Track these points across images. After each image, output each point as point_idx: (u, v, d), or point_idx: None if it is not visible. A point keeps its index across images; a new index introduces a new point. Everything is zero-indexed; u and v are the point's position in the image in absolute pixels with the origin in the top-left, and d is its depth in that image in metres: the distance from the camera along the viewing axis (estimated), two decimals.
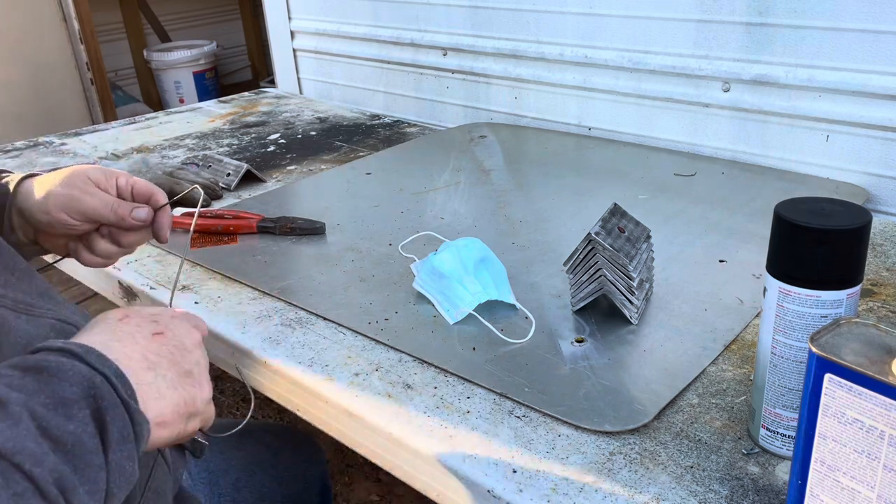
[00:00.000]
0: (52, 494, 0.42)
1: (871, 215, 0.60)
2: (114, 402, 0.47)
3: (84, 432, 0.45)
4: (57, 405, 0.45)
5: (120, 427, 0.47)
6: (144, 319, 0.56)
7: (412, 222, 1.16)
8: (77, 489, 0.43)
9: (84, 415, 0.45)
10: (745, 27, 1.23)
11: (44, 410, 0.44)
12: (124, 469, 0.47)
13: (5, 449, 0.41)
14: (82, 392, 0.46)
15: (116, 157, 1.57)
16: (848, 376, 0.49)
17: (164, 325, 0.57)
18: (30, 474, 0.41)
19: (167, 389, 0.53)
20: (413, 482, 0.72)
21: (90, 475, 0.44)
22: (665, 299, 0.90)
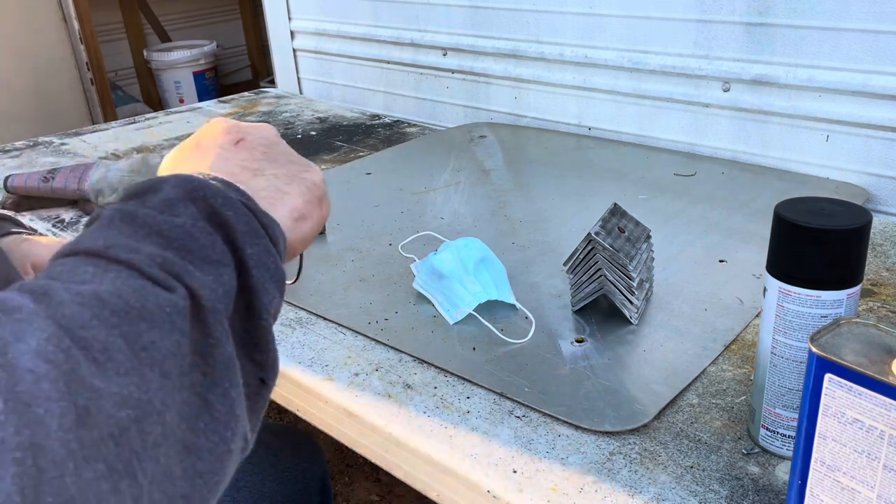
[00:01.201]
0: (159, 276, 0.38)
1: (872, 215, 0.60)
2: (229, 201, 0.43)
3: (194, 227, 0.41)
4: (162, 208, 0.41)
5: (245, 222, 0.43)
6: (217, 135, 0.51)
7: (412, 222, 1.16)
8: (192, 273, 0.39)
9: (191, 211, 0.41)
10: (745, 27, 1.23)
11: (146, 211, 0.40)
12: (266, 265, 0.43)
13: (97, 247, 0.38)
14: (187, 193, 0.42)
15: (116, 157, 1.57)
16: (848, 376, 0.49)
17: (237, 131, 0.52)
18: (128, 261, 0.37)
19: (286, 185, 0.50)
20: (413, 482, 0.72)
21: (209, 268, 0.40)
22: (665, 299, 0.90)
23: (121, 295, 0.36)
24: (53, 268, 0.38)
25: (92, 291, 0.35)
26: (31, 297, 0.34)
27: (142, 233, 0.40)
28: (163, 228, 0.40)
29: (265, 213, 0.45)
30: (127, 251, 0.38)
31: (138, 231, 0.40)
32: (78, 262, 0.38)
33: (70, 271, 0.37)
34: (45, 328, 0.32)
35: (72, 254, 0.39)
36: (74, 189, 1.27)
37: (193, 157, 0.49)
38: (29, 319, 0.32)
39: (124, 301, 0.36)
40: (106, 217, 0.40)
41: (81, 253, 0.38)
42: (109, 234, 0.39)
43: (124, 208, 0.41)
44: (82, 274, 0.37)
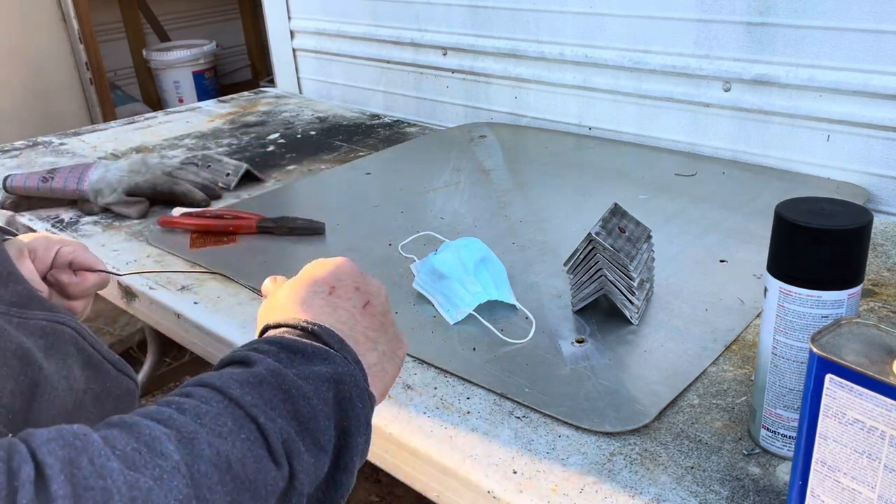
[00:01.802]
0: (277, 451, 0.43)
1: (872, 215, 0.60)
2: (362, 393, 0.48)
3: (322, 412, 0.46)
4: (308, 377, 0.46)
5: (365, 414, 0.48)
6: (350, 289, 0.56)
7: (412, 222, 1.16)
8: (301, 455, 0.44)
9: (328, 397, 0.46)
10: (746, 27, 1.23)
11: (294, 378, 0.45)
12: (361, 451, 0.49)
13: (244, 401, 0.43)
14: (335, 376, 0.47)
15: (116, 157, 1.57)
16: (849, 377, 0.49)
17: (365, 290, 0.56)
18: (262, 427, 0.42)
19: (388, 364, 0.54)
20: (413, 482, 0.72)
21: (314, 452, 0.45)
22: (665, 299, 0.90)
23: (245, 464, 0.41)
24: (199, 399, 0.43)
25: (226, 455, 0.41)
26: (175, 443, 0.39)
27: (280, 397, 0.45)
28: (298, 402, 0.45)
29: (374, 397, 0.51)
30: (265, 417, 0.43)
31: (278, 395, 0.45)
32: (222, 406, 0.43)
33: (214, 416, 0.42)
34: (182, 489, 0.38)
35: (221, 391, 0.44)
36: (74, 189, 1.27)
37: (330, 305, 0.54)
38: (171, 473, 0.38)
39: (245, 471, 0.41)
40: (259, 373, 0.45)
41: (228, 397, 0.43)
42: (255, 393, 0.44)
43: (277, 369, 0.46)
44: (223, 425, 0.42)
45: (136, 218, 1.25)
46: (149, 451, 0.38)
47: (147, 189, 1.27)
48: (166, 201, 1.28)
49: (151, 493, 0.36)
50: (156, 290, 1.01)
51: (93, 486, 0.35)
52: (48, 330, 0.58)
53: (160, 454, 0.38)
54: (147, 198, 1.27)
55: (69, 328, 0.59)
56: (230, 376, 0.45)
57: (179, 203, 1.27)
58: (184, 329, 0.96)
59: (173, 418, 0.41)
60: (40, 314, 0.58)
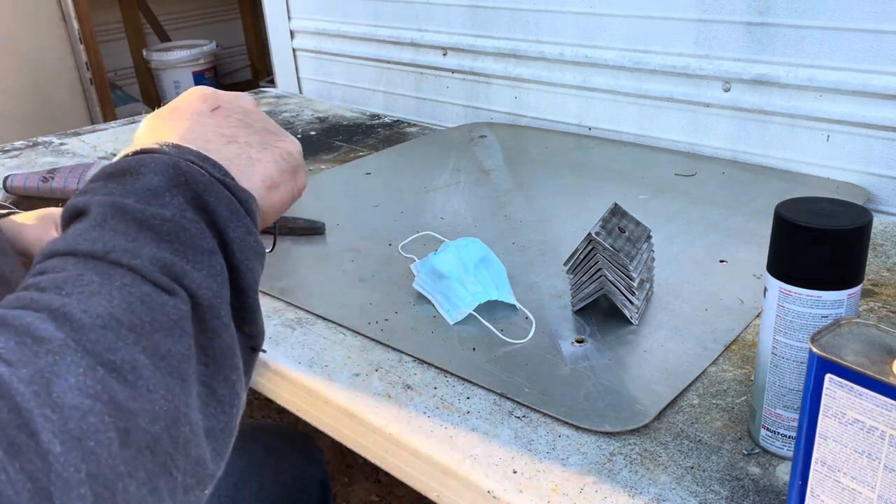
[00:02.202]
0: (161, 281, 0.40)
1: (872, 215, 0.60)
2: (209, 183, 0.44)
3: (183, 217, 0.42)
4: (149, 197, 0.42)
5: (225, 205, 0.44)
6: (194, 102, 0.52)
7: (412, 222, 1.16)
8: (189, 273, 0.41)
9: (178, 201, 0.43)
10: (746, 27, 1.23)
11: (135, 203, 0.42)
12: (248, 244, 0.45)
13: (96, 250, 0.40)
14: (170, 180, 0.43)
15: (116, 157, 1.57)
16: (848, 377, 0.49)
17: (214, 100, 0.53)
18: (130, 266, 0.39)
19: (258, 152, 0.51)
20: (413, 482, 0.72)
21: (202, 259, 0.42)
22: (665, 299, 0.90)
23: (133, 309, 0.38)
24: (54, 270, 0.39)
25: (108, 312, 0.37)
26: (52, 322, 0.36)
27: (134, 229, 0.41)
28: (153, 223, 0.41)
29: (242, 188, 0.46)
30: (128, 255, 0.40)
31: (131, 227, 0.41)
32: (79, 266, 0.39)
33: (75, 279, 0.38)
34: (79, 361, 0.35)
35: (69, 253, 0.40)
36: (74, 189, 1.27)
37: (169, 121, 0.50)
38: (61, 352, 0.35)
39: (137, 316, 0.38)
40: (98, 214, 0.41)
41: (80, 254, 0.40)
42: (106, 235, 0.40)
43: (114, 202, 0.42)
44: (88, 283, 0.38)
45: None
46: (30, 340, 0.35)
47: None
48: None
49: (51, 382, 0.34)
50: None
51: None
52: None
53: (42, 339, 0.35)
54: None
55: None
56: (72, 235, 0.41)
57: None
58: None
59: (36, 300, 0.37)
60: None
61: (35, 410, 0.33)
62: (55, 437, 0.33)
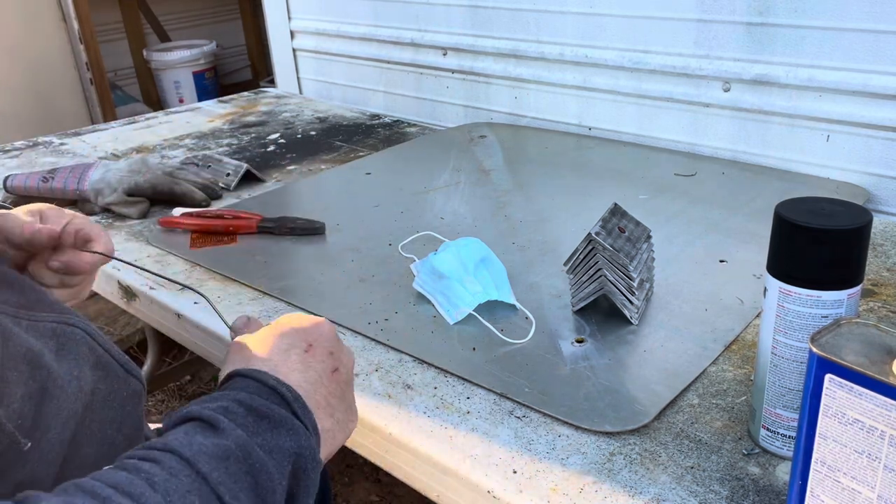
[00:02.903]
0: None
1: (872, 215, 0.60)
2: (315, 466, 0.51)
3: (279, 486, 0.48)
4: (273, 451, 0.48)
5: (313, 485, 0.51)
6: (325, 352, 0.57)
7: (412, 222, 1.16)
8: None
9: (287, 470, 0.49)
10: (746, 27, 1.23)
11: (259, 452, 0.47)
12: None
13: (212, 479, 0.44)
14: (296, 449, 0.49)
15: (116, 157, 1.57)
16: (848, 377, 0.49)
17: (337, 357, 0.58)
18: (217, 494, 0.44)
19: (339, 433, 0.56)
20: (413, 482, 0.72)
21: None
22: (665, 299, 0.90)
23: None
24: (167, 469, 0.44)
25: None
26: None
27: (244, 470, 0.46)
28: (260, 479, 0.47)
29: (324, 466, 0.53)
30: (230, 497, 0.45)
31: (242, 468, 0.46)
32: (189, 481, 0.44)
33: (182, 495, 0.43)
34: None
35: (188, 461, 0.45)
36: (74, 189, 1.27)
37: (303, 363, 0.55)
38: None
39: None
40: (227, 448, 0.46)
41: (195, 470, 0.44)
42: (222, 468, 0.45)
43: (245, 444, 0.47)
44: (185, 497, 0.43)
45: (137, 218, 1.25)
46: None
47: (147, 189, 1.27)
48: (166, 201, 1.28)
49: None
50: (156, 290, 1.01)
51: None
52: (58, 331, 0.57)
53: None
54: (147, 198, 1.27)
55: (80, 329, 0.59)
56: (199, 448, 0.45)
57: (179, 203, 1.27)
58: (184, 329, 0.96)
59: (145, 497, 0.41)
60: (50, 315, 0.58)
61: None
62: None
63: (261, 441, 0.48)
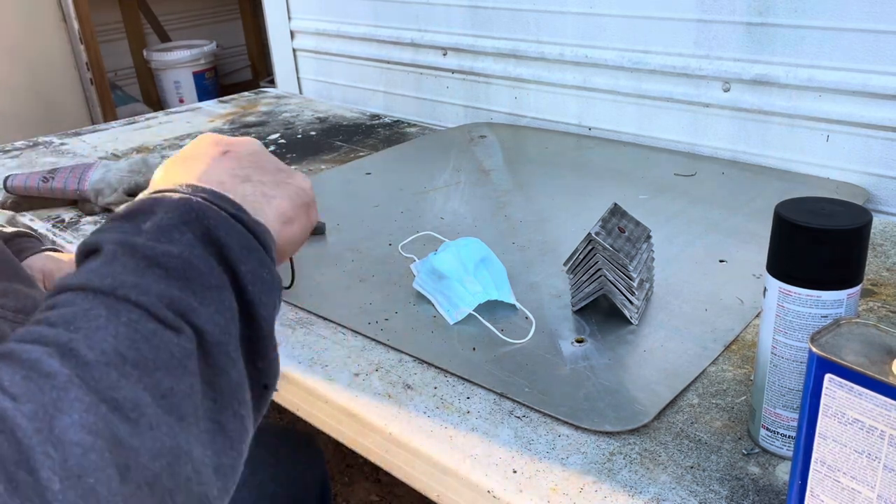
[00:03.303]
0: (167, 318, 0.40)
1: (872, 215, 0.60)
2: (222, 219, 0.45)
3: (192, 254, 0.43)
4: (158, 235, 0.43)
5: (237, 239, 0.45)
6: (205, 147, 0.54)
7: (412, 222, 1.16)
8: (197, 310, 0.41)
9: (188, 238, 0.43)
10: (746, 27, 1.23)
11: (144, 241, 0.42)
12: (262, 278, 0.45)
13: (104, 286, 0.40)
14: (180, 217, 0.44)
15: (116, 157, 1.57)
16: (848, 376, 0.49)
17: (224, 144, 0.54)
18: (138, 303, 0.40)
19: (272, 189, 0.52)
20: (413, 482, 0.72)
21: (210, 296, 0.42)
22: (665, 299, 0.90)
23: (138, 347, 0.39)
24: (64, 305, 0.40)
25: (113, 349, 0.38)
26: (59, 358, 0.37)
27: (143, 266, 0.42)
28: (162, 260, 0.42)
29: (256, 221, 0.47)
30: (136, 292, 0.40)
31: (140, 264, 0.42)
32: (89, 301, 0.40)
33: (83, 314, 0.39)
34: (82, 398, 0.35)
35: (80, 288, 0.41)
36: (74, 189, 1.27)
37: (184, 165, 0.51)
38: (65, 387, 0.35)
39: (141, 353, 0.39)
40: (108, 252, 0.42)
41: (90, 290, 0.40)
42: (115, 271, 0.41)
43: (125, 240, 0.43)
44: (96, 318, 0.39)
45: None
46: (36, 374, 0.36)
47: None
48: None
49: (54, 418, 0.34)
50: None
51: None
52: None
53: (48, 374, 0.36)
54: None
55: None
56: (84, 271, 0.42)
57: None
58: None
59: (45, 335, 0.38)
60: None
61: (36, 447, 0.33)
62: (54, 474, 0.33)
63: (145, 235, 0.43)
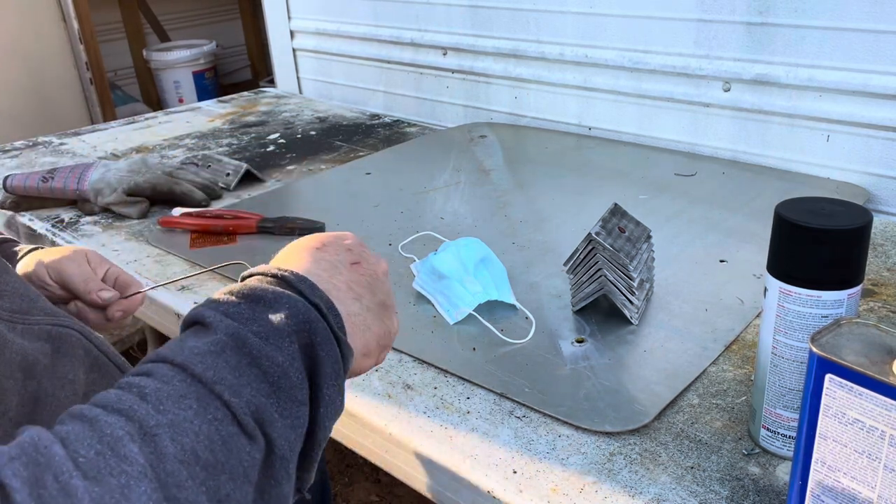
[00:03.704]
0: (248, 425, 0.41)
1: (872, 215, 0.60)
2: (327, 338, 0.46)
3: (291, 367, 0.44)
4: (269, 335, 0.44)
5: (332, 362, 0.46)
6: (341, 248, 0.55)
7: (412, 222, 1.16)
8: (276, 422, 0.43)
9: (293, 349, 0.45)
10: (746, 27, 1.23)
11: (255, 338, 0.44)
12: (334, 403, 0.46)
13: (205, 377, 0.41)
14: (296, 325, 0.45)
15: (116, 157, 1.57)
16: (848, 376, 0.49)
17: (357, 253, 0.56)
18: (227, 403, 0.41)
19: (372, 320, 0.53)
20: (413, 482, 0.72)
21: (291, 410, 0.44)
22: (665, 299, 0.90)
23: (213, 448, 0.40)
24: (161, 379, 0.41)
25: (192, 447, 0.39)
26: (139, 442, 0.38)
27: (245, 362, 0.43)
28: (264, 364, 0.43)
29: (350, 347, 0.49)
30: (230, 392, 0.41)
31: (242, 361, 0.43)
32: (184, 385, 0.41)
33: (176, 400, 0.40)
34: (150, 494, 0.37)
35: (181, 367, 0.42)
36: (74, 189, 1.27)
37: (314, 255, 0.53)
38: (138, 478, 0.37)
39: (215, 456, 0.40)
40: (219, 342, 0.43)
41: (189, 374, 0.42)
42: (218, 365, 0.42)
43: (237, 333, 0.44)
44: (187, 409, 0.40)
45: (137, 218, 1.25)
46: (112, 455, 0.37)
47: (147, 189, 1.27)
48: (166, 201, 1.28)
49: (126, 495, 0.36)
50: (155, 290, 1.00)
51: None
52: (54, 334, 0.58)
53: (124, 458, 0.37)
54: (147, 198, 1.27)
55: (75, 331, 0.59)
56: (190, 350, 0.43)
57: (179, 203, 1.27)
58: None
59: (134, 409, 0.39)
60: (44, 319, 0.58)
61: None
62: None
63: (256, 328, 0.44)
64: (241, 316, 0.45)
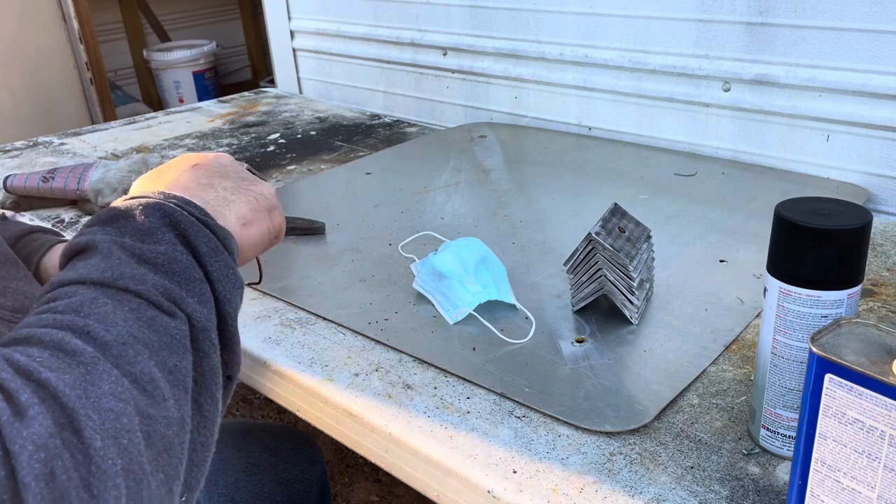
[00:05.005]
0: (164, 305, 0.45)
1: (872, 215, 0.60)
2: (191, 223, 0.50)
3: (175, 251, 0.48)
4: (143, 236, 0.48)
5: (206, 241, 0.50)
6: (177, 162, 0.59)
7: (412, 222, 1.16)
8: (185, 299, 0.46)
9: (170, 237, 0.49)
10: (746, 27, 1.23)
11: (132, 241, 0.47)
12: (228, 277, 0.50)
13: (105, 278, 0.44)
14: (160, 221, 0.49)
15: (116, 157, 1.57)
16: (848, 376, 0.49)
17: (196, 158, 0.59)
18: (137, 292, 0.44)
19: (233, 195, 0.57)
20: (413, 482, 0.72)
21: (193, 287, 0.48)
22: (665, 299, 0.90)
23: (143, 329, 0.43)
24: (66, 296, 0.44)
25: (125, 331, 0.42)
26: (79, 338, 0.40)
27: (135, 261, 0.47)
28: (150, 256, 0.47)
29: (220, 226, 0.52)
30: (134, 282, 0.45)
31: (132, 260, 0.46)
32: (90, 291, 0.44)
33: (90, 303, 0.43)
34: (110, 371, 0.40)
35: (79, 282, 0.44)
36: (74, 189, 1.27)
37: (155, 176, 0.57)
38: (93, 362, 0.40)
39: (147, 335, 0.43)
40: (104, 249, 0.47)
41: (90, 282, 0.44)
42: (112, 265, 0.46)
43: (113, 240, 0.47)
44: (103, 305, 0.43)
45: None
46: (63, 353, 0.39)
47: None
48: None
49: (88, 387, 0.38)
50: None
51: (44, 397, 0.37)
52: None
53: (73, 352, 0.40)
54: None
55: None
56: (80, 267, 0.46)
57: None
58: None
59: (58, 320, 0.41)
60: None
61: (80, 410, 0.37)
62: (96, 433, 0.37)
63: (130, 233, 0.48)
64: (113, 231, 0.48)
